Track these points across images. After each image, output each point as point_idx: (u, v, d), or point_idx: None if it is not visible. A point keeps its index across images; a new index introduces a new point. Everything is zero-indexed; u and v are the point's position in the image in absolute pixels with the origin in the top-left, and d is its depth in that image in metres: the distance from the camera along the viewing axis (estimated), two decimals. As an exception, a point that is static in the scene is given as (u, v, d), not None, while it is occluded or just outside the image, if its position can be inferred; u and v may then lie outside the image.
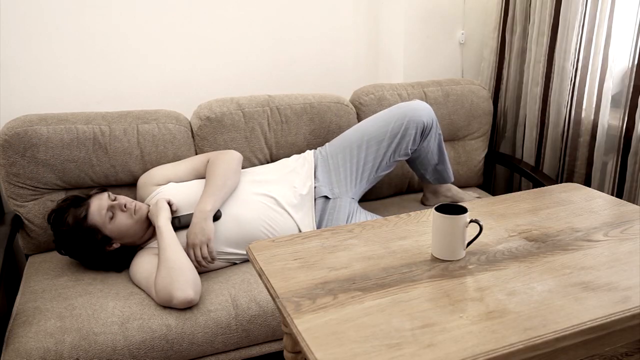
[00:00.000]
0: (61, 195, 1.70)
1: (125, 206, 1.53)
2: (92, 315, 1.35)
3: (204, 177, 1.70)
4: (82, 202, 1.53)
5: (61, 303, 1.40)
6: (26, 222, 1.67)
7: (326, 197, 1.72)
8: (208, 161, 1.69)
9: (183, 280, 1.38)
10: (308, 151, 1.84)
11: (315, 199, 1.71)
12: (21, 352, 1.25)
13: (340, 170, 1.75)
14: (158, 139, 1.77)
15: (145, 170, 1.77)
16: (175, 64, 2.07)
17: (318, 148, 1.87)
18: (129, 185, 1.80)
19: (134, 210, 1.55)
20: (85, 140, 1.69)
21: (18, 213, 1.66)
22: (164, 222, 1.49)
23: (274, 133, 1.90)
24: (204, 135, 1.81)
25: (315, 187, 1.72)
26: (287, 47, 2.23)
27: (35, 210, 1.67)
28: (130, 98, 2.03)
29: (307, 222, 1.68)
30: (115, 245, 1.54)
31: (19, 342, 1.27)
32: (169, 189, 1.65)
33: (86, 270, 1.57)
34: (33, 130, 1.63)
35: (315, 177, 1.75)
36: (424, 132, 1.74)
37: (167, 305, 1.40)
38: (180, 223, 1.57)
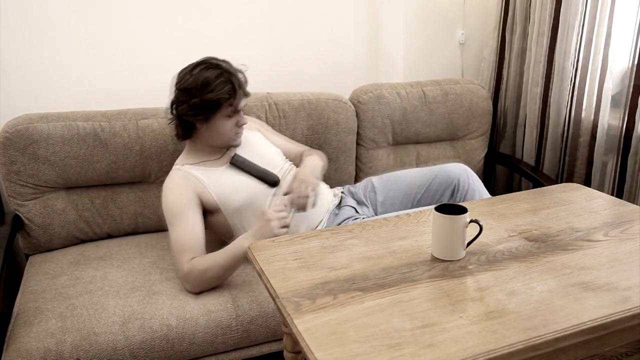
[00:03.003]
0: (62, 195, 1.71)
1: (241, 125, 1.59)
2: (92, 315, 1.35)
3: (285, 157, 1.77)
4: (232, 86, 1.53)
5: (62, 303, 1.41)
6: (26, 221, 1.67)
7: (352, 209, 1.73)
8: (302, 153, 1.80)
9: (207, 287, 1.46)
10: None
11: (340, 206, 1.73)
12: (22, 352, 1.25)
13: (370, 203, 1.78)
14: (158, 133, 1.77)
15: (145, 165, 1.77)
16: (175, 63, 2.06)
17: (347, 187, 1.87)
18: (130, 184, 1.80)
19: (238, 135, 1.60)
20: (85, 136, 1.69)
21: (18, 213, 1.66)
22: (247, 244, 1.32)
23: (272, 127, 1.90)
24: None
25: (342, 197, 1.77)
26: (287, 47, 2.23)
27: (35, 209, 1.67)
28: (129, 98, 2.03)
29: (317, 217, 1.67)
30: (199, 126, 1.56)
31: (20, 342, 1.27)
32: (257, 139, 1.71)
33: (86, 269, 1.57)
34: (34, 127, 1.63)
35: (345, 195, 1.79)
36: (454, 190, 1.70)
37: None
38: (243, 165, 1.60)
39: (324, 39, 2.28)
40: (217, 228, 1.62)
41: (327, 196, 1.72)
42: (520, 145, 2.24)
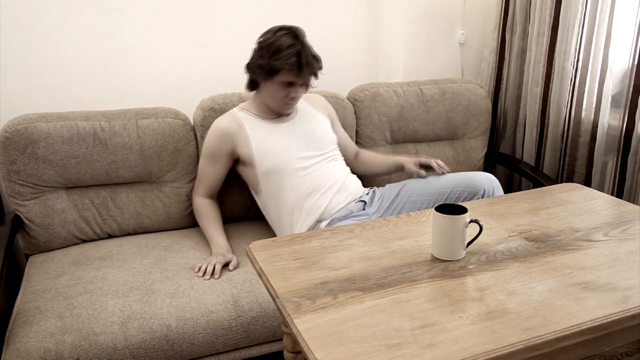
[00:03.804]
0: (61, 195, 1.71)
1: (292, 97, 1.65)
2: (92, 315, 1.35)
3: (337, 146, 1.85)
4: (297, 60, 1.57)
5: (61, 303, 1.40)
6: (26, 221, 1.67)
7: (362, 203, 1.74)
8: (359, 150, 1.96)
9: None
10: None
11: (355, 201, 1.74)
12: (21, 352, 1.25)
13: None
14: (158, 132, 1.77)
15: (145, 165, 1.78)
16: (175, 64, 2.07)
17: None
18: (130, 184, 1.80)
19: (288, 106, 1.68)
20: (85, 136, 1.69)
21: (18, 212, 1.66)
22: (214, 251, 1.65)
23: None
24: (209, 125, 1.81)
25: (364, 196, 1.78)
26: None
27: (35, 209, 1.67)
28: (129, 98, 2.03)
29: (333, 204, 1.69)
30: (259, 82, 1.67)
31: (20, 342, 1.27)
32: (322, 121, 1.81)
33: (87, 269, 1.57)
34: (33, 127, 1.63)
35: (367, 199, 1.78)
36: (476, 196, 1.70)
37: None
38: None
39: (324, 39, 2.28)
40: (248, 179, 1.76)
41: (352, 195, 1.73)
42: (520, 145, 2.24)
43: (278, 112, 1.73)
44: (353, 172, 1.94)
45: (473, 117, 2.16)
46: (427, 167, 1.78)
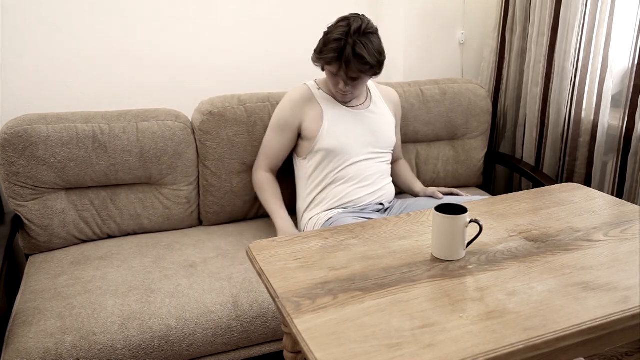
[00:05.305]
0: (61, 195, 1.71)
1: (342, 89, 1.65)
2: (92, 315, 1.35)
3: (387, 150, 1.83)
4: (336, 56, 1.57)
5: (61, 303, 1.40)
6: (26, 222, 1.67)
7: (380, 206, 1.75)
8: (399, 157, 1.98)
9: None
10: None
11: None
12: (21, 352, 1.25)
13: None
14: (158, 136, 1.77)
15: (145, 168, 1.77)
16: (175, 65, 2.06)
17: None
18: (129, 185, 1.80)
19: (341, 95, 1.68)
20: (84, 139, 1.69)
21: (18, 213, 1.66)
22: (278, 223, 1.67)
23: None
24: (207, 129, 1.81)
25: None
26: (286, 48, 2.23)
27: (35, 210, 1.67)
28: (129, 98, 2.03)
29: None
30: (324, 63, 1.64)
31: (19, 342, 1.27)
32: (385, 119, 1.81)
33: (86, 268, 1.57)
34: (33, 129, 1.63)
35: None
36: None
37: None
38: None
39: (323, 39, 2.28)
40: (298, 147, 1.77)
41: (380, 199, 1.74)
42: (520, 145, 2.24)
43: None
44: None
45: (473, 118, 2.16)
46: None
